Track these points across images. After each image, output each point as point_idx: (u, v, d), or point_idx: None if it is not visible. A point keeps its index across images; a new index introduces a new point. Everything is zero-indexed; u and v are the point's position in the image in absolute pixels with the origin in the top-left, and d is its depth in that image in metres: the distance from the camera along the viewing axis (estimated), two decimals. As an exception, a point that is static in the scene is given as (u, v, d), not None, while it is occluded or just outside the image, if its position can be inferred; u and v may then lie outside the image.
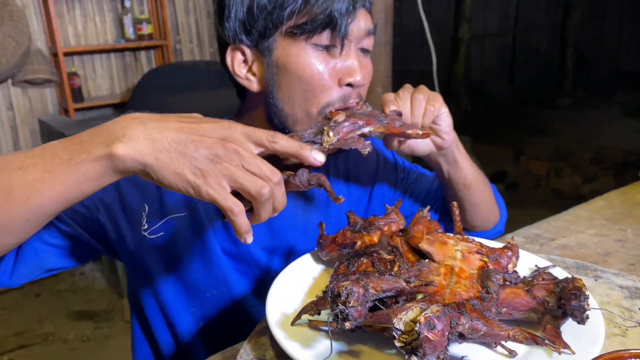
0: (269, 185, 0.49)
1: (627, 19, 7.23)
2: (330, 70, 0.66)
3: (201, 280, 0.75)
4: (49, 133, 3.04)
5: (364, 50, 0.70)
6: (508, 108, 6.02)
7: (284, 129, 0.70)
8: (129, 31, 3.21)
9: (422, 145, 0.73)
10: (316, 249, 0.80)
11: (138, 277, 0.77)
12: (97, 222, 0.69)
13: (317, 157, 0.52)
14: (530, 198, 3.82)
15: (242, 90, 0.75)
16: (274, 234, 0.77)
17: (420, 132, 0.61)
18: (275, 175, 0.49)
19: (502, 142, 4.88)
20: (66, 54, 3.07)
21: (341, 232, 0.66)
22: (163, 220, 0.50)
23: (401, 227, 0.69)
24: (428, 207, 0.69)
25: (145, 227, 0.49)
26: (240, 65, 0.70)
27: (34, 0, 3.00)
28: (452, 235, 0.64)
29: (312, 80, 0.66)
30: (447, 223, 0.89)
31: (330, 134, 0.56)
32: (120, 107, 3.20)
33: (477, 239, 0.65)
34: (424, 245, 0.62)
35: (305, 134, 0.58)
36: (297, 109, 0.68)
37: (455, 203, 0.70)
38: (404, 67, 4.71)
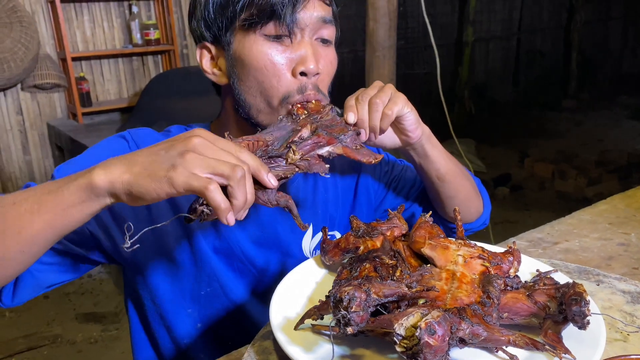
0: (242, 167, 0.50)
1: (631, 21, 7.19)
2: (283, 60, 0.69)
3: (194, 280, 0.77)
4: (57, 137, 3.07)
5: (324, 41, 0.72)
6: (512, 110, 6.00)
7: (249, 119, 0.73)
8: (137, 36, 3.25)
9: (388, 141, 0.75)
10: (303, 238, 0.82)
11: (136, 283, 0.79)
12: (89, 235, 0.71)
13: (272, 181, 0.54)
14: (534, 200, 3.80)
15: (217, 87, 0.79)
16: (263, 227, 0.79)
17: (372, 160, 0.64)
18: (245, 164, 0.51)
19: (507, 145, 4.87)
20: (74, 59, 3.11)
21: (344, 237, 0.67)
22: (140, 232, 0.52)
23: (403, 232, 0.69)
24: (430, 213, 0.70)
25: (128, 244, 0.51)
26: (208, 61, 0.75)
27: (43, 6, 3.05)
28: (454, 240, 0.64)
29: (266, 70, 0.69)
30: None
31: (297, 154, 0.59)
32: (128, 112, 3.23)
33: (479, 244, 0.66)
34: (426, 250, 0.63)
35: (273, 137, 0.60)
36: (258, 99, 0.71)
37: (457, 208, 0.71)
38: (408, 70, 4.72)
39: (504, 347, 0.52)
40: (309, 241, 0.83)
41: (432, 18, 2.21)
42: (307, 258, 0.82)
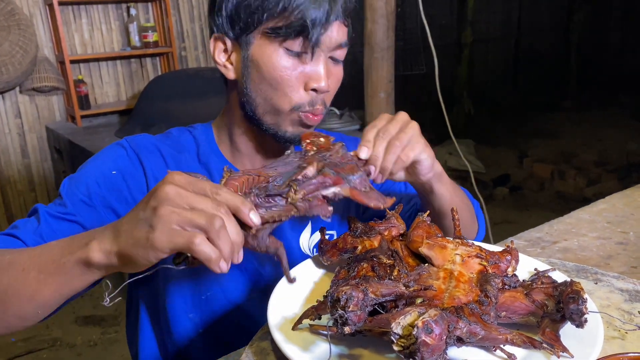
0: (219, 215, 0.47)
1: (631, 20, 7.20)
2: (298, 75, 0.71)
3: (194, 285, 0.78)
4: (56, 140, 3.07)
5: (335, 60, 0.74)
6: (512, 111, 6.01)
7: (254, 117, 0.74)
8: (135, 39, 3.25)
9: (397, 175, 0.72)
10: (301, 235, 0.83)
11: (140, 289, 0.80)
12: None
13: (254, 219, 0.50)
14: (534, 201, 3.80)
15: (225, 80, 0.80)
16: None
17: (381, 205, 0.60)
18: (222, 207, 0.48)
19: (506, 145, 4.87)
20: (73, 62, 3.11)
21: (342, 237, 0.67)
22: (119, 288, 0.52)
23: (401, 231, 0.70)
24: (428, 212, 0.70)
25: (107, 301, 0.52)
26: (221, 53, 0.76)
27: (41, 9, 3.05)
28: (451, 239, 0.64)
29: (282, 81, 0.71)
30: None
31: (298, 194, 0.54)
32: (127, 114, 3.23)
33: (477, 243, 0.66)
34: (424, 250, 0.63)
35: (276, 173, 0.56)
36: (267, 103, 0.73)
37: (454, 207, 0.71)
38: (407, 72, 4.72)
39: (501, 346, 0.52)
40: (308, 238, 0.84)
41: (431, 19, 2.21)
42: (305, 255, 0.83)
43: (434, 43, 2.09)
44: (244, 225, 0.50)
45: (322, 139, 0.66)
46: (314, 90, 0.71)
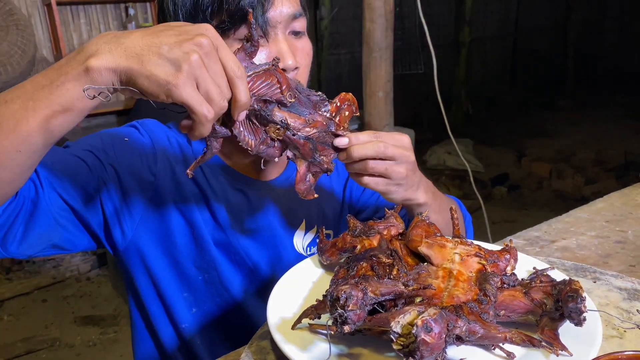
0: (227, 99, 0.51)
1: (628, 19, 7.22)
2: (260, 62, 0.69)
3: (194, 266, 0.78)
4: (54, 140, 3.07)
5: (296, 33, 0.72)
6: (510, 110, 6.02)
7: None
8: (133, 38, 3.25)
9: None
10: (295, 234, 0.83)
11: (134, 268, 0.79)
12: (100, 210, 0.72)
13: (239, 117, 0.54)
14: (532, 200, 3.81)
15: None
16: (256, 221, 0.80)
17: (304, 196, 0.64)
18: (228, 97, 0.51)
19: (504, 144, 4.88)
20: (71, 62, 3.11)
21: (341, 237, 0.67)
22: (115, 87, 0.50)
23: (400, 230, 0.70)
24: (427, 211, 0.70)
25: (107, 92, 0.50)
26: None
27: (39, 9, 3.05)
28: (450, 238, 0.64)
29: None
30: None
31: (279, 135, 0.59)
32: (124, 114, 3.23)
33: (476, 242, 0.66)
34: (423, 249, 0.63)
35: (292, 98, 0.59)
36: None
37: (453, 207, 0.71)
38: (405, 71, 4.73)
39: (501, 345, 0.52)
40: (302, 237, 0.84)
41: (429, 18, 2.21)
42: (299, 254, 0.83)
43: (432, 43, 2.09)
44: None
45: (347, 113, 0.66)
46: (283, 71, 0.69)
